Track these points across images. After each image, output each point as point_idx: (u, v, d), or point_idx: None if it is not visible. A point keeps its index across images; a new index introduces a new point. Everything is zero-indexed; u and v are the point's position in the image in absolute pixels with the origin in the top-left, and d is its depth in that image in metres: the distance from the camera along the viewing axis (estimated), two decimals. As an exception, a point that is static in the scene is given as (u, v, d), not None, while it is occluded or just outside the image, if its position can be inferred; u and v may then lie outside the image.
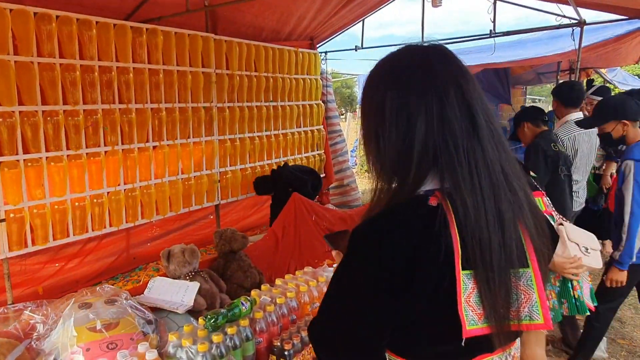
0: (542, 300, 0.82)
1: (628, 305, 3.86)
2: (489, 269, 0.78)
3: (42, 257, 3.52)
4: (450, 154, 0.80)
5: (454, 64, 0.86)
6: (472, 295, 0.78)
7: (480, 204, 0.78)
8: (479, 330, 0.79)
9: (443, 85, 0.82)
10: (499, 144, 0.84)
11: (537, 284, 0.82)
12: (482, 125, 0.82)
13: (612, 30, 5.45)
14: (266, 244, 3.01)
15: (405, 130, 0.83)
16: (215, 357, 1.52)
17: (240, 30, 4.73)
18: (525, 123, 3.22)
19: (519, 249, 0.81)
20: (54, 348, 1.55)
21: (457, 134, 0.80)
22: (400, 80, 0.85)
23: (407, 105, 0.83)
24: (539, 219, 0.87)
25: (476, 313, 0.79)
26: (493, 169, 0.81)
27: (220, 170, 4.43)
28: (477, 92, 0.84)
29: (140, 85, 3.62)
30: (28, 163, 3.03)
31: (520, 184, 0.85)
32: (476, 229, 0.77)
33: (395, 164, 0.86)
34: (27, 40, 2.96)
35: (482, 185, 0.79)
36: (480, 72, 8.18)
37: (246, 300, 1.74)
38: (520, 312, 0.82)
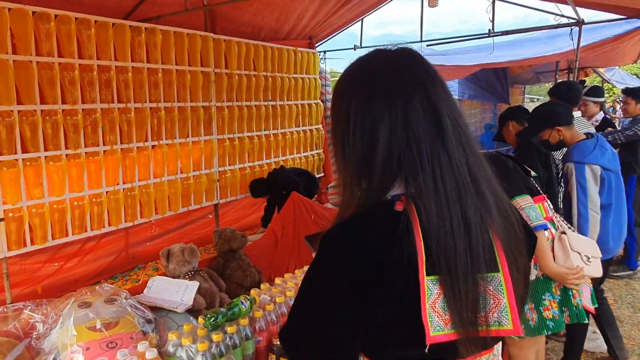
0: (512, 306, 0.81)
1: (626, 304, 3.87)
2: (454, 274, 0.76)
3: (41, 257, 3.51)
4: (413, 158, 0.79)
5: (420, 67, 0.85)
6: (437, 301, 0.77)
7: (444, 208, 0.77)
8: (445, 337, 0.78)
9: (407, 89, 0.81)
10: (467, 147, 0.82)
11: (507, 288, 0.81)
12: (448, 128, 0.81)
13: (611, 29, 5.46)
14: (265, 243, 3.01)
15: (370, 135, 0.82)
16: (215, 356, 1.52)
17: (239, 30, 4.73)
18: (510, 122, 3.24)
19: (487, 254, 0.80)
20: (54, 347, 1.55)
21: (420, 138, 0.79)
22: (364, 86, 0.84)
23: (371, 110, 0.82)
24: (512, 223, 0.86)
25: (442, 319, 0.78)
26: (459, 172, 0.80)
27: (219, 169, 4.43)
28: (444, 95, 0.83)
29: (139, 85, 3.62)
30: (27, 162, 3.03)
31: (491, 188, 0.84)
32: (440, 234, 0.76)
33: (360, 169, 0.85)
34: (25, 39, 2.95)
35: (446, 189, 0.78)
36: (479, 72, 8.19)
37: (246, 299, 1.74)
38: (489, 318, 0.80)
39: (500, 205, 0.84)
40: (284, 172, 4.55)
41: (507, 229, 0.84)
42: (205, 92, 4.17)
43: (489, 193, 0.82)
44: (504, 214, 0.84)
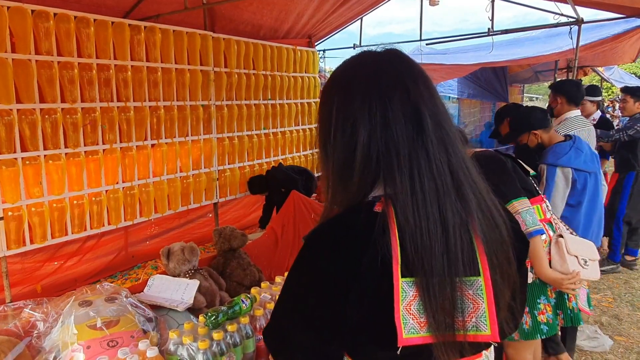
0: (491, 311, 0.79)
1: (625, 303, 3.88)
2: (430, 276, 0.75)
3: (41, 256, 3.51)
4: (391, 159, 0.79)
5: (402, 67, 0.84)
6: (413, 303, 0.76)
7: (421, 209, 0.76)
8: (419, 339, 0.77)
9: (387, 90, 0.81)
10: (450, 147, 0.81)
11: (487, 293, 0.79)
12: (429, 129, 0.80)
13: (610, 28, 5.48)
14: (265, 242, 3.01)
15: (350, 136, 0.82)
16: (216, 355, 1.53)
17: (239, 28, 4.73)
18: (508, 119, 3.23)
19: (467, 257, 0.78)
20: (55, 346, 1.55)
21: (398, 139, 0.79)
22: (347, 87, 0.85)
23: (352, 111, 0.82)
24: (497, 226, 0.84)
25: (417, 321, 0.77)
26: (439, 173, 0.79)
27: (218, 168, 4.42)
28: (427, 95, 0.82)
29: (138, 83, 3.62)
30: (26, 161, 3.03)
31: (474, 189, 0.82)
32: (416, 235, 0.75)
33: (341, 171, 0.85)
34: (24, 38, 2.95)
35: (424, 190, 0.77)
36: (478, 71, 8.20)
37: (246, 298, 1.74)
38: (467, 322, 0.79)
39: (483, 207, 0.82)
40: (283, 169, 4.55)
41: (490, 231, 0.82)
42: (205, 91, 4.17)
43: (471, 194, 0.81)
44: (487, 215, 0.82)
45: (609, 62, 8.19)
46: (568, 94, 3.45)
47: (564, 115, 3.46)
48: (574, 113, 3.42)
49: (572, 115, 3.41)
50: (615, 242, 4.49)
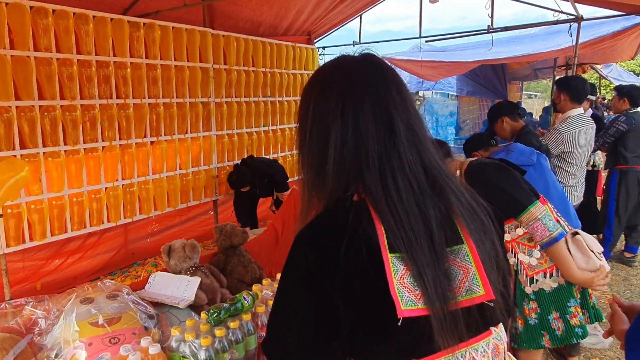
0: (480, 272, 0.82)
1: (624, 299, 3.89)
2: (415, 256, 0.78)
3: (43, 254, 3.51)
4: (360, 160, 0.82)
5: (375, 73, 0.88)
6: (405, 276, 0.78)
7: (398, 206, 0.79)
8: (417, 311, 0.77)
9: (359, 94, 0.84)
10: (422, 149, 0.85)
11: (474, 257, 0.83)
12: (400, 132, 0.83)
13: (609, 26, 5.47)
14: (266, 239, 3.00)
15: (323, 137, 0.85)
16: (218, 351, 1.52)
17: (238, 25, 4.71)
18: (503, 118, 3.22)
19: (449, 234, 0.82)
20: (56, 343, 1.54)
21: (368, 142, 0.82)
22: (322, 91, 0.88)
23: (326, 113, 0.86)
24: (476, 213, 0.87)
25: (413, 294, 0.78)
26: (412, 172, 0.82)
27: (218, 165, 4.42)
28: (398, 100, 0.85)
29: (137, 80, 3.61)
30: (25, 158, 3.02)
31: (450, 182, 0.85)
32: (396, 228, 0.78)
33: (315, 173, 0.88)
34: (23, 34, 2.93)
35: (398, 187, 0.80)
36: (477, 68, 8.19)
37: (248, 295, 1.73)
38: (460, 288, 0.81)
39: (462, 199, 0.86)
40: (259, 160, 4.48)
41: (472, 219, 0.85)
42: (204, 88, 4.16)
43: (447, 188, 0.84)
44: (467, 207, 0.86)
45: (607, 60, 8.20)
46: (573, 90, 3.43)
47: (567, 113, 3.45)
48: (577, 111, 3.42)
49: (575, 114, 3.41)
50: (606, 239, 4.49)
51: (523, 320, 2.06)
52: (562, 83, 3.57)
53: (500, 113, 3.25)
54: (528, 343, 2.05)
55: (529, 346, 2.06)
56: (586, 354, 3.07)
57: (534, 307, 2.02)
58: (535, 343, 2.04)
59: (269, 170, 4.23)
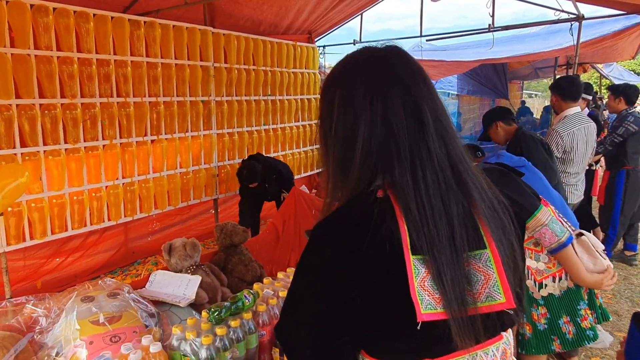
0: (502, 279, 0.81)
1: (625, 299, 3.89)
2: (438, 259, 0.77)
3: (44, 252, 3.50)
4: (391, 152, 0.81)
5: (403, 64, 0.86)
6: (426, 279, 0.77)
7: (424, 200, 0.78)
8: (436, 315, 0.77)
9: (388, 85, 0.83)
10: (449, 142, 0.83)
11: (496, 263, 0.81)
12: (430, 124, 0.82)
13: (610, 25, 5.47)
14: (266, 238, 3.01)
15: (350, 130, 0.84)
16: (219, 350, 1.52)
17: (239, 24, 4.71)
18: (497, 123, 3.23)
19: (472, 236, 0.80)
20: (57, 341, 1.54)
21: (399, 133, 0.81)
22: (347, 82, 0.86)
23: (352, 106, 0.84)
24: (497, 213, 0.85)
25: (433, 297, 0.77)
26: (440, 166, 0.81)
27: (218, 164, 4.41)
28: (427, 92, 0.84)
29: (138, 79, 3.60)
30: (26, 157, 3.01)
31: (473, 180, 0.84)
32: (422, 224, 0.77)
33: (340, 164, 0.87)
34: (23, 32, 2.93)
35: (426, 181, 0.79)
36: (478, 67, 8.18)
37: (249, 294, 1.73)
38: (480, 294, 0.80)
39: (484, 197, 0.85)
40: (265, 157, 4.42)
41: (493, 218, 0.84)
42: (205, 87, 4.15)
43: (471, 184, 0.83)
44: (489, 205, 0.85)
45: (608, 59, 8.19)
46: (560, 90, 3.47)
47: (563, 113, 3.46)
48: (573, 110, 3.42)
49: (571, 113, 3.41)
50: (609, 239, 4.49)
51: (531, 326, 2.03)
52: (552, 85, 3.65)
53: (495, 118, 3.27)
54: (537, 349, 2.03)
55: (538, 351, 2.03)
56: (586, 353, 3.06)
57: (543, 312, 2.00)
58: (545, 348, 2.02)
59: (277, 165, 4.21)
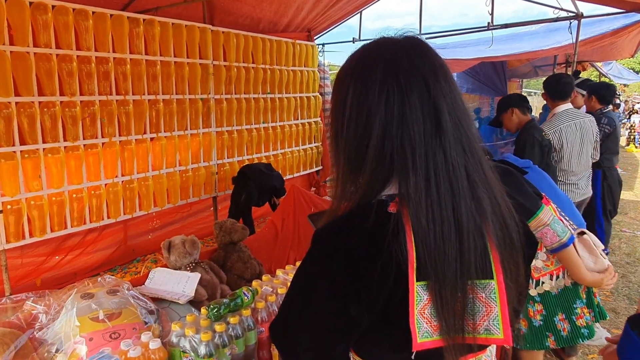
0: (504, 315, 0.77)
1: (622, 296, 3.90)
2: (442, 279, 0.73)
3: (42, 249, 3.51)
4: (406, 157, 0.75)
5: (424, 58, 0.79)
6: (427, 307, 0.75)
7: (435, 211, 0.73)
8: (432, 343, 0.75)
9: (406, 83, 0.76)
10: (467, 148, 0.77)
11: (501, 297, 0.78)
12: (448, 127, 0.76)
13: (609, 23, 5.47)
14: (265, 235, 3.01)
15: (363, 128, 0.78)
16: (218, 347, 1.53)
17: (238, 22, 4.70)
18: (513, 109, 3.25)
19: (480, 260, 0.76)
20: (57, 338, 1.55)
21: (416, 136, 0.75)
22: (362, 76, 0.79)
23: (366, 103, 0.77)
24: (509, 231, 0.81)
25: (431, 325, 0.75)
26: (455, 174, 0.75)
27: (217, 162, 4.42)
28: (448, 91, 0.77)
29: (137, 77, 3.60)
30: (25, 154, 3.02)
31: (489, 192, 0.79)
32: (430, 238, 0.73)
33: (351, 164, 0.81)
34: (22, 30, 2.93)
35: (439, 192, 0.74)
36: (477, 65, 8.18)
37: (248, 291, 1.74)
38: (479, 326, 0.77)
39: (497, 211, 0.80)
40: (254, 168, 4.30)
41: (503, 236, 0.80)
42: (204, 85, 4.15)
43: (486, 198, 0.78)
44: (500, 220, 0.80)
45: (607, 58, 8.18)
46: (548, 89, 3.50)
47: (553, 111, 3.49)
48: (562, 107, 3.43)
49: (560, 110, 3.43)
50: (599, 237, 4.51)
51: (527, 321, 2.04)
52: (543, 84, 3.66)
53: (510, 104, 3.29)
54: (532, 344, 2.04)
55: (533, 347, 2.04)
56: (584, 350, 3.08)
57: (539, 309, 2.01)
58: (540, 344, 2.03)
59: (271, 181, 4.18)
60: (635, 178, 9.41)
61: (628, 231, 5.68)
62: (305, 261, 0.83)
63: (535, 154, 3.08)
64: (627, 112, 16.04)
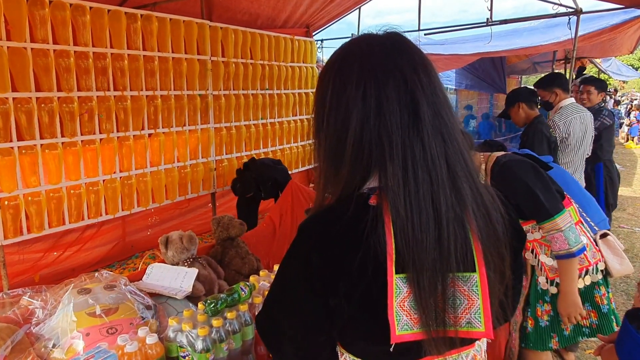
0: (486, 308, 0.77)
1: (620, 292, 3.91)
2: (420, 271, 0.73)
3: (40, 245, 3.50)
4: (384, 148, 0.76)
5: (401, 53, 0.80)
6: (407, 299, 0.75)
7: (413, 202, 0.73)
8: (412, 336, 0.76)
9: (383, 76, 0.77)
10: (447, 138, 0.78)
11: (483, 290, 0.77)
12: (426, 118, 0.76)
13: (608, 19, 5.46)
14: (263, 231, 3.02)
15: (342, 122, 0.79)
16: (215, 341, 1.53)
17: (236, 17, 4.69)
18: (520, 104, 3.25)
19: (460, 252, 0.76)
20: (54, 333, 1.55)
21: (392, 127, 0.76)
22: (342, 70, 0.82)
23: (345, 96, 0.79)
24: (491, 222, 0.81)
25: (411, 318, 0.75)
26: (434, 164, 0.75)
27: (216, 158, 4.41)
28: (426, 82, 0.78)
29: (135, 72, 3.59)
30: (22, 150, 3.01)
31: (470, 182, 0.79)
32: (408, 229, 0.73)
33: (331, 158, 0.83)
34: (19, 25, 2.91)
35: (417, 181, 0.74)
36: (476, 61, 8.17)
37: (245, 286, 1.74)
38: (460, 319, 0.77)
39: (479, 201, 0.80)
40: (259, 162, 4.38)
41: (485, 227, 0.80)
42: (202, 80, 4.14)
43: (466, 188, 0.78)
44: (483, 211, 0.80)
45: (606, 54, 8.18)
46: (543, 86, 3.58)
47: (559, 104, 3.51)
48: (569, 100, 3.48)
49: (567, 103, 3.48)
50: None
51: (534, 320, 2.03)
52: None
53: (518, 99, 3.30)
54: (535, 344, 2.04)
55: (536, 347, 2.04)
56: (582, 345, 3.09)
57: (547, 309, 2.00)
58: (543, 344, 2.02)
59: (273, 173, 4.19)
60: (634, 174, 9.42)
61: (626, 227, 5.69)
62: (287, 253, 0.84)
63: (544, 150, 3.08)
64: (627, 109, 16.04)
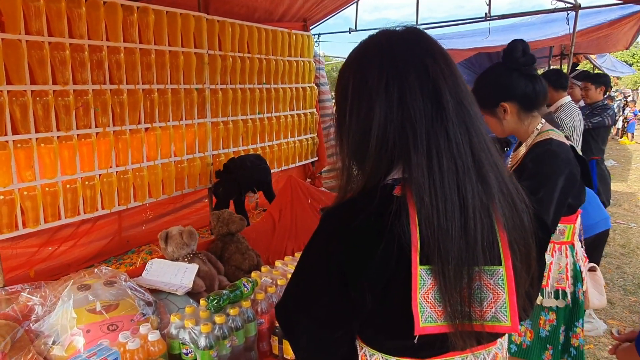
0: (512, 302, 0.76)
1: (617, 287, 3.94)
2: (446, 261, 0.72)
3: (34, 240, 3.46)
4: (407, 137, 0.76)
5: (422, 44, 0.81)
6: (431, 291, 0.74)
7: (438, 190, 0.73)
8: (436, 328, 0.75)
9: (404, 68, 0.78)
10: (471, 127, 0.78)
11: (509, 284, 0.77)
12: (449, 108, 0.76)
13: (606, 15, 5.47)
14: (263, 226, 3.00)
15: (365, 116, 0.80)
16: (218, 338, 1.52)
17: (233, 10, 4.63)
18: None
19: (487, 242, 0.75)
20: (54, 330, 1.52)
21: (416, 118, 0.76)
22: (363, 66, 0.83)
23: (367, 90, 0.80)
24: (517, 211, 0.80)
25: (435, 310, 0.75)
26: (459, 153, 0.75)
27: (213, 152, 4.38)
28: (448, 72, 0.79)
29: (131, 66, 3.54)
30: (17, 144, 2.96)
31: (495, 171, 0.79)
32: (433, 217, 0.72)
33: (355, 152, 0.84)
34: (14, 17, 2.86)
35: (442, 170, 0.74)
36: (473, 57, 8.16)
37: (248, 282, 1.72)
38: (486, 312, 0.77)
39: (505, 191, 0.79)
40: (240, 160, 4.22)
41: (512, 217, 0.79)
42: (199, 74, 4.10)
43: (492, 177, 0.77)
44: (508, 200, 0.79)
45: (602, 50, 8.21)
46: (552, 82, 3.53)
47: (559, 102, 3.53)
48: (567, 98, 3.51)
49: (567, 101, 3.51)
50: None
51: (533, 332, 1.96)
52: None
53: None
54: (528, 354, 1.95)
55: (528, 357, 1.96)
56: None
57: (551, 318, 1.94)
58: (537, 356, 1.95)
59: (253, 175, 4.11)
60: (628, 170, 9.48)
61: (622, 223, 5.73)
62: (309, 242, 0.83)
63: None
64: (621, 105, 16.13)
